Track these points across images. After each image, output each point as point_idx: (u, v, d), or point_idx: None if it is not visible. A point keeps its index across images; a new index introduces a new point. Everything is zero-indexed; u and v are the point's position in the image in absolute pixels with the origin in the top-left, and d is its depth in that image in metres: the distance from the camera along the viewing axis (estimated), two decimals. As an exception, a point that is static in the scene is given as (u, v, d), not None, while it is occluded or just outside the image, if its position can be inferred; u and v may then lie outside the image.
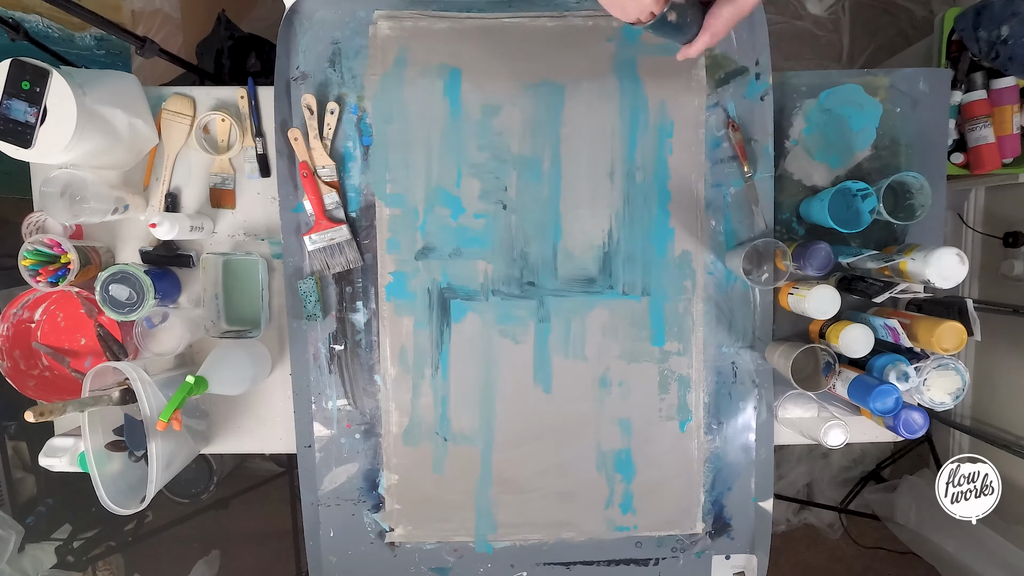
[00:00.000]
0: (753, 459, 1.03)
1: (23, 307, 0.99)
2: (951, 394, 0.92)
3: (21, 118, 0.78)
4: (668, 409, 1.02)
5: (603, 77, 0.98)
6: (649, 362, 1.02)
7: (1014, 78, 1.23)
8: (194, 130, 0.99)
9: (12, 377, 0.98)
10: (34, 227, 0.99)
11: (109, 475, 0.89)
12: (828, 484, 1.96)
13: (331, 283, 1.00)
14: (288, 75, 0.98)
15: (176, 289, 1.01)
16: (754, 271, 0.98)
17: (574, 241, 1.00)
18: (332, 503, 1.03)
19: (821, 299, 0.90)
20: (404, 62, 0.98)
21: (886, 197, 0.89)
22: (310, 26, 0.97)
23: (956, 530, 1.47)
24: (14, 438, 1.54)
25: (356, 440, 1.02)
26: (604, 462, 1.03)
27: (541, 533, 1.04)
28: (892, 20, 1.83)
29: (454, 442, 1.02)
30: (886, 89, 1.00)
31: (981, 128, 1.25)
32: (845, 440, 0.92)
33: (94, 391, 0.87)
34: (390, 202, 0.99)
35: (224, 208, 1.01)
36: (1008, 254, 1.46)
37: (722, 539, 1.05)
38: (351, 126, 0.99)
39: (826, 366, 0.94)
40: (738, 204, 1.00)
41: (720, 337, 1.02)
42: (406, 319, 1.00)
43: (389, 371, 1.01)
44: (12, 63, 0.78)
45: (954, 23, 1.26)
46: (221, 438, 1.05)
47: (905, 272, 0.89)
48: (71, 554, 1.51)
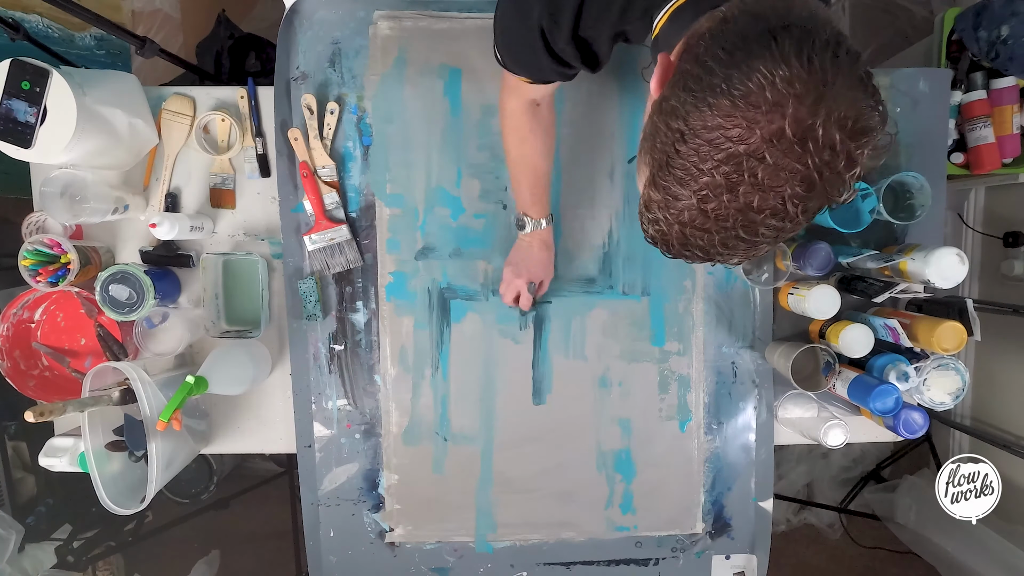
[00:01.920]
0: (753, 459, 1.03)
1: (23, 307, 0.99)
2: (951, 394, 0.92)
3: (21, 118, 0.78)
4: (668, 409, 1.02)
5: (603, 77, 0.98)
6: (649, 362, 1.02)
7: (1014, 78, 1.23)
8: (194, 130, 0.99)
9: (12, 377, 0.98)
10: (34, 227, 0.99)
11: (109, 475, 0.89)
12: (828, 484, 1.95)
13: (331, 283, 1.00)
14: (288, 75, 0.98)
15: (176, 289, 1.01)
16: (754, 271, 0.98)
17: (574, 241, 1.00)
18: (332, 503, 1.03)
19: (821, 299, 0.90)
20: (404, 62, 0.98)
21: (886, 197, 0.89)
22: (310, 26, 0.97)
23: (956, 530, 1.47)
24: (14, 438, 1.54)
25: (356, 440, 1.02)
26: (604, 462, 1.03)
27: (541, 533, 1.04)
28: (892, 20, 1.82)
29: (454, 442, 1.02)
30: (886, 89, 1.00)
31: (981, 128, 1.25)
32: (845, 440, 0.92)
33: (94, 391, 0.87)
34: (390, 202, 0.99)
35: (224, 208, 1.01)
36: (1008, 254, 1.46)
37: (722, 539, 1.05)
38: (351, 126, 0.99)
39: (826, 366, 0.94)
40: (738, 204, 1.00)
41: (720, 337, 1.02)
42: (406, 319, 1.00)
43: (389, 371, 1.01)
44: (12, 63, 0.78)
45: (954, 23, 1.25)
46: (221, 438, 1.05)
47: (905, 272, 0.89)
48: (71, 554, 1.50)
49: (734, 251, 0.46)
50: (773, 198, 0.42)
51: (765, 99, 0.40)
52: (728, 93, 0.41)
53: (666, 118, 0.45)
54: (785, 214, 0.43)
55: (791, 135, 0.40)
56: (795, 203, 0.42)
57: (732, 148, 0.41)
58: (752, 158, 0.41)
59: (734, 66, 0.41)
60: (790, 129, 0.40)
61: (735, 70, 0.41)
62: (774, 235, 0.45)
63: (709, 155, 0.42)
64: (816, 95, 0.40)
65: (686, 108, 0.43)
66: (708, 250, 0.46)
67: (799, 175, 0.41)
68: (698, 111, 0.42)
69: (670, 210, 0.46)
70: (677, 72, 0.47)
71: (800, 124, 0.40)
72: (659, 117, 0.46)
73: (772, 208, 0.42)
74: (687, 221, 0.45)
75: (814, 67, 0.40)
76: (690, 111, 0.43)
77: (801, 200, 0.42)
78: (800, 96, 0.40)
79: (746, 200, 0.42)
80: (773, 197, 0.42)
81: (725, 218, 0.43)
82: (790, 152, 0.40)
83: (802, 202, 0.42)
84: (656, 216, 0.47)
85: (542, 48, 0.62)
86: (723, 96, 0.41)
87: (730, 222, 0.44)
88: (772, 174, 0.41)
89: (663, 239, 0.48)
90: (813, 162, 0.40)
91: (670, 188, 0.45)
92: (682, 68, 0.46)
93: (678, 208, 0.45)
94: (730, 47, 0.42)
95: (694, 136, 0.42)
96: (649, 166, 0.47)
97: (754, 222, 0.43)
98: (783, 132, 0.40)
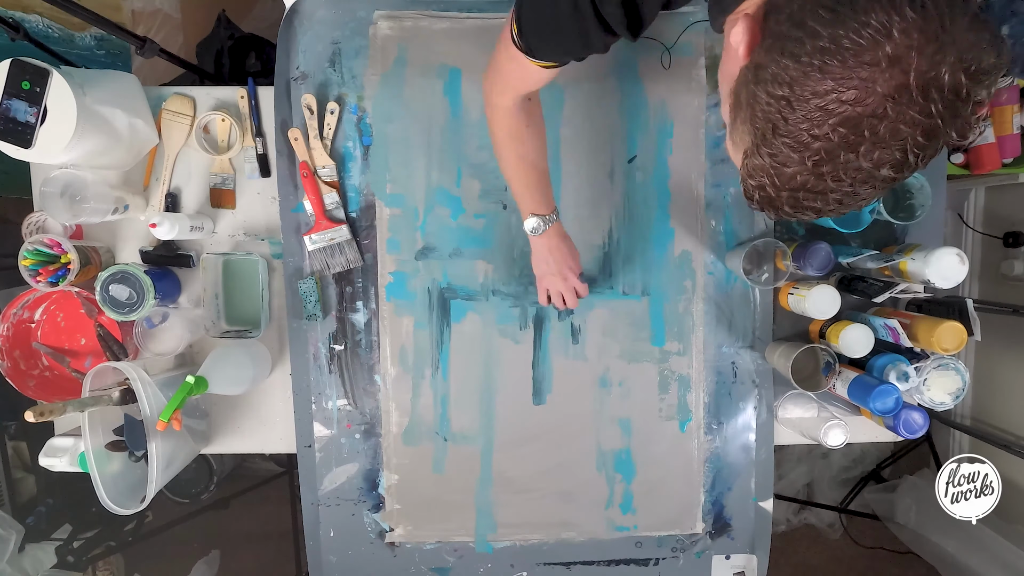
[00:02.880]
0: (753, 459, 1.03)
1: (23, 307, 0.99)
2: (951, 394, 0.92)
3: (21, 118, 0.78)
4: (668, 409, 1.02)
5: (603, 77, 0.98)
6: (649, 362, 1.02)
7: (1014, 78, 1.23)
8: (194, 130, 0.99)
9: (12, 377, 0.98)
10: (34, 227, 0.99)
11: (109, 475, 0.89)
12: (828, 484, 1.95)
13: (331, 283, 1.00)
14: (288, 75, 0.98)
15: (176, 289, 1.01)
16: (754, 271, 0.98)
17: (574, 241, 1.00)
18: (332, 503, 1.03)
19: (821, 299, 0.90)
20: (404, 62, 0.98)
21: (886, 197, 0.89)
22: (310, 26, 0.97)
23: (956, 530, 1.47)
24: (14, 438, 1.55)
25: (356, 440, 1.02)
26: (604, 462, 1.03)
27: (541, 533, 1.04)
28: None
29: (454, 442, 1.02)
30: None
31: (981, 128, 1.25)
32: (845, 440, 0.92)
33: (94, 391, 0.87)
34: (390, 202, 0.99)
35: (224, 208, 1.01)
36: (1008, 254, 1.46)
37: (722, 539, 1.05)
38: (351, 126, 0.99)
39: (826, 366, 0.94)
40: (738, 204, 1.00)
41: (720, 337, 1.02)
42: (406, 319, 1.00)
43: (389, 371, 1.01)
44: (12, 63, 0.78)
45: (954, 23, 1.25)
46: (221, 438, 1.05)
47: (905, 272, 0.89)
48: (71, 554, 1.51)
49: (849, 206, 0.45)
50: (894, 151, 0.40)
51: (883, 55, 0.38)
52: (838, 54, 0.39)
53: (766, 87, 0.43)
54: (905, 164, 0.41)
55: (914, 88, 0.38)
56: (915, 152, 0.40)
57: (849, 111, 0.39)
58: (872, 118, 0.39)
59: (840, 24, 0.39)
60: (913, 83, 0.38)
61: (842, 28, 0.39)
62: (890, 185, 0.43)
63: (823, 120, 0.40)
64: (936, 44, 0.38)
65: (790, 75, 0.41)
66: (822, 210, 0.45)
67: (922, 126, 0.39)
68: (806, 77, 0.40)
69: (779, 177, 0.44)
70: (770, 36, 0.44)
71: (922, 76, 0.38)
72: (757, 86, 0.44)
73: (892, 161, 0.41)
74: (799, 185, 0.43)
75: (928, 13, 0.38)
76: (796, 77, 0.41)
77: (922, 149, 0.40)
78: (919, 47, 0.38)
79: (866, 158, 0.40)
80: (895, 150, 0.40)
81: (841, 179, 0.42)
82: (913, 105, 0.38)
83: (923, 151, 0.40)
84: (762, 182, 0.46)
85: (590, 11, 0.58)
86: (833, 58, 0.39)
87: (847, 180, 0.42)
88: (894, 130, 0.39)
89: (771, 204, 0.47)
90: (937, 110, 0.38)
91: (778, 155, 0.43)
92: (776, 31, 0.43)
93: (788, 174, 0.43)
94: (832, 3, 0.40)
95: (803, 103, 0.41)
96: (751, 135, 0.45)
97: (873, 177, 0.42)
98: (905, 87, 0.38)
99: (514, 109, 0.77)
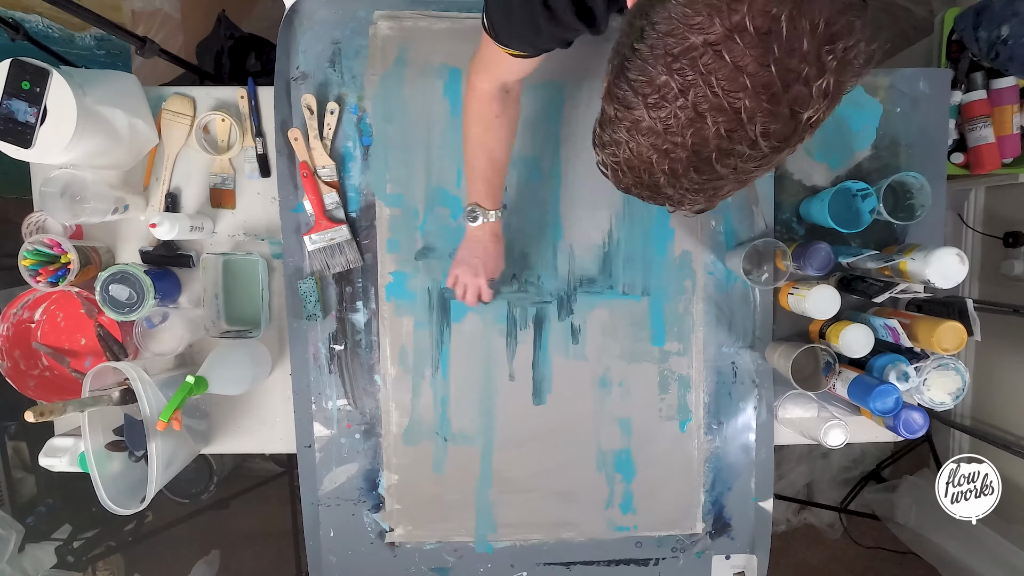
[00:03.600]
0: (753, 459, 1.03)
1: (23, 307, 0.99)
2: (951, 394, 0.92)
3: (21, 118, 0.78)
4: (668, 409, 1.02)
5: (603, 77, 0.98)
6: (649, 362, 1.02)
7: (1014, 78, 1.23)
8: (194, 130, 0.99)
9: (12, 377, 0.98)
10: (34, 227, 0.99)
11: (109, 475, 0.89)
12: (828, 484, 1.95)
13: (331, 283, 1.00)
14: (288, 75, 0.98)
15: (176, 289, 1.01)
16: (754, 271, 0.98)
17: (574, 241, 1.00)
18: (332, 503, 1.03)
19: (821, 299, 0.90)
20: (404, 62, 0.98)
21: (886, 197, 0.89)
22: (310, 26, 0.97)
23: (956, 530, 1.47)
24: (14, 438, 1.54)
25: (356, 440, 1.02)
26: (604, 462, 1.03)
27: (541, 533, 1.04)
28: (892, 20, 1.82)
29: (454, 442, 1.02)
30: (886, 89, 1.00)
31: (981, 128, 1.25)
32: (845, 440, 0.92)
33: (94, 391, 0.87)
34: (390, 202, 0.99)
35: (224, 208, 1.01)
36: (1008, 254, 1.46)
37: (722, 539, 1.05)
38: (351, 126, 0.99)
39: (826, 366, 0.94)
40: (738, 204, 1.00)
41: (720, 337, 1.02)
42: (406, 319, 1.00)
43: (389, 371, 1.01)
44: (12, 63, 0.78)
45: (954, 23, 1.25)
46: (221, 438, 1.05)
47: (905, 272, 0.89)
48: (71, 554, 1.51)
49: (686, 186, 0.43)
50: (729, 109, 0.38)
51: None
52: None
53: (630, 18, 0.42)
54: (743, 135, 0.39)
55: (752, 29, 0.37)
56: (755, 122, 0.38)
57: (691, 40, 0.38)
58: (710, 50, 0.37)
59: None
60: (752, 22, 0.36)
61: None
62: (732, 166, 0.41)
63: (666, 49, 0.39)
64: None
65: (651, 3, 0.40)
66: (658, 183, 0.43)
67: (760, 80, 0.37)
68: (661, 3, 0.39)
69: (623, 123, 0.42)
70: None
71: (764, 17, 0.36)
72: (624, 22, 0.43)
73: (727, 123, 0.39)
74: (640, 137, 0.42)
75: None
76: (654, 3, 0.40)
77: (762, 116, 0.38)
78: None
79: (697, 108, 0.38)
80: (729, 107, 0.38)
81: (676, 132, 0.40)
82: (752, 47, 0.37)
83: (763, 119, 0.38)
84: (608, 139, 0.44)
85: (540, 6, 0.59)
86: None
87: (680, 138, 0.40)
88: (729, 76, 0.37)
89: (614, 164, 0.45)
90: (775, 62, 0.37)
91: (625, 98, 0.42)
92: None
93: (631, 120, 0.42)
94: None
95: (652, 29, 0.39)
96: (606, 78, 0.45)
97: (706, 138, 0.39)
98: (744, 25, 0.37)
99: (489, 95, 0.77)
